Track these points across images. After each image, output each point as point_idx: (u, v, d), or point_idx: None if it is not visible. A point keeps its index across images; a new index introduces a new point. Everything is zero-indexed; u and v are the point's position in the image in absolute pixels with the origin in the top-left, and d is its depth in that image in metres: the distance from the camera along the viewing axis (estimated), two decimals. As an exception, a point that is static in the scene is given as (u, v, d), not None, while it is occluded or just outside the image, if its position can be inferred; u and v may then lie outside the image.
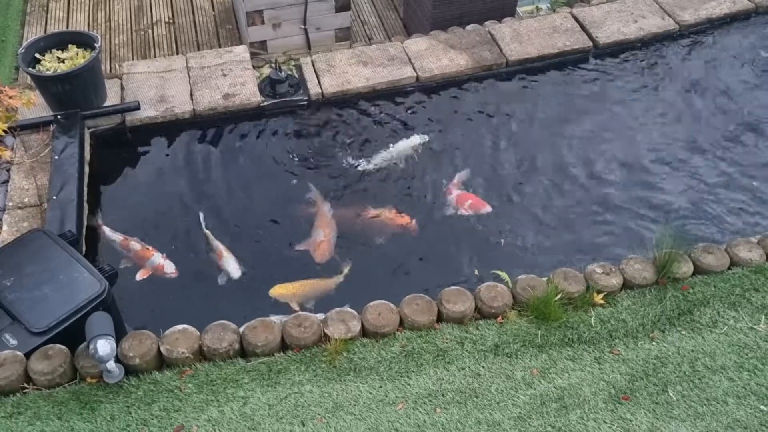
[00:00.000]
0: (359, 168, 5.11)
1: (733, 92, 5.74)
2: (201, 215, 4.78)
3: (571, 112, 5.57)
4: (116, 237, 4.61)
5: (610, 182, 5.07)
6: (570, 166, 5.17)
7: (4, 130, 4.34)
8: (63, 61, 4.98)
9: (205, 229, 4.70)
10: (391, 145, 5.24)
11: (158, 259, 4.39)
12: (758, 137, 5.40)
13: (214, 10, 6.98)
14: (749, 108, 5.62)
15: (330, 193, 4.96)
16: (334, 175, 5.09)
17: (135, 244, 4.51)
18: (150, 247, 4.48)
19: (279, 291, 4.39)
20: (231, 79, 5.53)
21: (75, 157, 4.80)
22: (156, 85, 5.45)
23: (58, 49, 5.06)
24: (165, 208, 4.87)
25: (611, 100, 5.68)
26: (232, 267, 4.49)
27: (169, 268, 4.37)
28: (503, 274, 4.05)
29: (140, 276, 4.40)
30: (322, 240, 4.63)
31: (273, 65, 5.63)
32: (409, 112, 5.54)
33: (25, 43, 5.23)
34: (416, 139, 5.28)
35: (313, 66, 5.71)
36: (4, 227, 4.43)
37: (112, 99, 5.29)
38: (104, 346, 3.28)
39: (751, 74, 5.89)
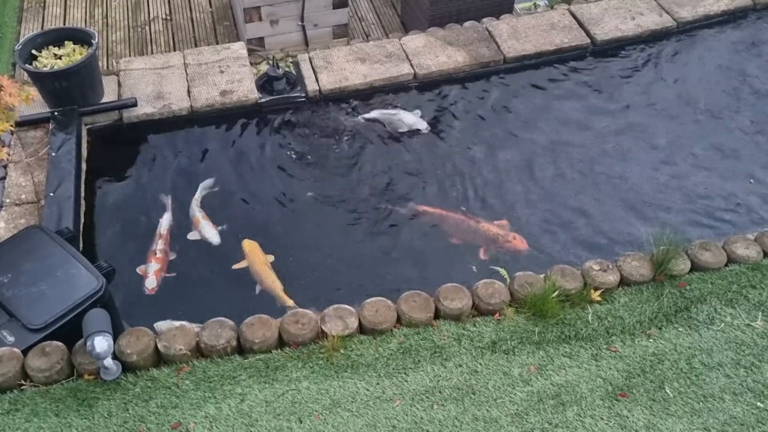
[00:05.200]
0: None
1: (733, 89, 5.75)
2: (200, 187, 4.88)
3: (568, 108, 5.58)
4: (162, 224, 4.64)
5: (609, 177, 5.07)
6: (568, 162, 5.18)
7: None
8: (60, 58, 4.97)
9: (195, 198, 4.77)
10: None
11: (150, 269, 4.38)
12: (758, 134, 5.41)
13: (211, 7, 6.96)
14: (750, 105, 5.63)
15: (329, 192, 4.95)
16: (332, 174, 5.08)
17: (154, 244, 4.52)
18: (159, 255, 4.44)
19: (248, 248, 4.44)
20: (228, 75, 5.52)
21: (72, 153, 4.80)
22: (153, 82, 5.44)
23: (55, 46, 5.04)
24: (161, 205, 4.85)
25: (605, 95, 5.68)
26: (209, 232, 4.57)
27: (149, 283, 4.32)
28: (502, 271, 4.05)
29: (138, 269, 4.43)
30: None
31: (270, 62, 5.62)
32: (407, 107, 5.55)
33: (21, 40, 5.21)
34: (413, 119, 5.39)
35: (311, 63, 5.71)
36: (1, 224, 4.42)
37: (109, 96, 5.28)
38: (101, 343, 3.28)
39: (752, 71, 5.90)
